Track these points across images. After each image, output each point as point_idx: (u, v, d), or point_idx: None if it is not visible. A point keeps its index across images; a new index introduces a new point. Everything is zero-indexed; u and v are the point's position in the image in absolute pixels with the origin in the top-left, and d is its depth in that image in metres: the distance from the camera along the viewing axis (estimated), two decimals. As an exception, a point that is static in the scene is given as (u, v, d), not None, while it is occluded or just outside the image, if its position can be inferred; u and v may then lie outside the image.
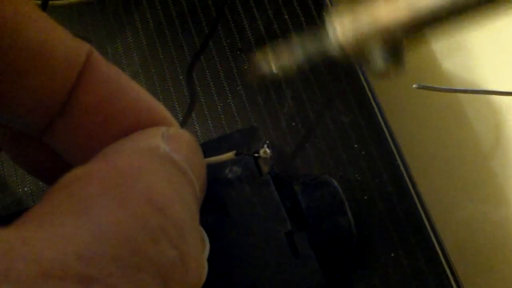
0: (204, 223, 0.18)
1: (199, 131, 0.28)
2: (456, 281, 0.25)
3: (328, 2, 0.30)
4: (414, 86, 0.24)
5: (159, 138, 0.14)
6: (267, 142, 0.21)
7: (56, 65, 0.13)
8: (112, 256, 0.10)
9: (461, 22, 0.15)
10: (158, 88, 0.29)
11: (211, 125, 0.28)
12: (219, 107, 0.28)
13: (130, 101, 0.15)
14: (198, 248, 0.13)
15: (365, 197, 0.26)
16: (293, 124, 0.28)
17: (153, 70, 0.30)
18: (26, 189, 0.28)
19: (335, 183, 0.23)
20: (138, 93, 0.15)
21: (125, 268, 0.10)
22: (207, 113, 0.29)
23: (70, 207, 0.11)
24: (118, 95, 0.15)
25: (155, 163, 0.13)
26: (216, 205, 0.20)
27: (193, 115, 0.29)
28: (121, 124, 0.15)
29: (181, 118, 0.29)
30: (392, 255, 0.25)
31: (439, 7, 0.14)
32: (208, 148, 0.21)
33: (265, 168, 0.21)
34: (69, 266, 0.09)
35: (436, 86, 0.26)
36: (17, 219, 0.11)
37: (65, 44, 0.14)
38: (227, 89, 0.29)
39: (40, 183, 0.28)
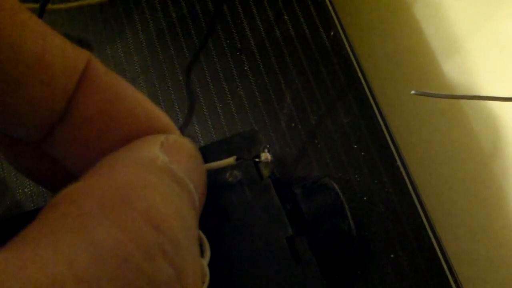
0: (204, 227, 0.18)
1: (199, 132, 0.28)
2: (456, 281, 0.25)
3: (328, 2, 0.30)
4: (412, 92, 0.25)
5: (158, 148, 0.14)
6: (268, 146, 0.21)
7: (55, 74, 0.13)
8: (110, 276, 0.10)
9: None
10: (158, 90, 0.29)
11: (210, 126, 0.28)
12: (219, 107, 0.29)
13: (129, 109, 0.15)
14: (196, 263, 0.13)
15: (365, 198, 0.26)
16: (293, 125, 0.28)
17: (153, 72, 0.30)
18: (25, 190, 0.28)
19: (336, 186, 0.23)
20: (138, 100, 0.15)
21: None
22: (206, 113, 0.29)
23: (66, 227, 0.11)
24: (117, 103, 0.15)
25: (152, 176, 0.13)
26: (217, 209, 0.20)
27: (192, 115, 0.29)
28: (121, 132, 0.15)
29: (181, 120, 0.29)
30: (392, 256, 0.25)
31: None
32: (208, 152, 0.21)
33: (265, 172, 0.21)
34: None
35: (433, 92, 0.26)
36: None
37: (63, 53, 0.14)
38: (227, 89, 0.29)
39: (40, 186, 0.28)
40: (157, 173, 0.13)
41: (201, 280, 0.13)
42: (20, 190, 0.28)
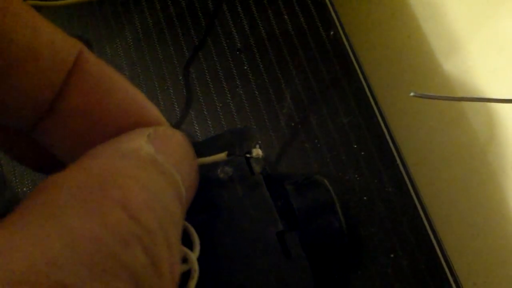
0: (195, 222, 0.18)
1: (198, 132, 0.28)
2: (456, 281, 0.25)
3: (328, 2, 0.30)
4: (411, 94, 0.25)
5: (144, 139, 0.14)
6: (259, 142, 0.21)
7: (43, 66, 0.13)
8: (85, 262, 0.10)
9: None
10: (158, 89, 0.29)
11: (210, 125, 0.28)
12: (219, 107, 0.28)
13: (120, 101, 0.15)
14: (175, 254, 0.13)
15: (365, 198, 0.26)
16: (293, 124, 0.28)
17: (152, 71, 0.30)
18: (25, 189, 0.28)
19: (327, 182, 0.23)
20: (128, 93, 0.15)
21: (98, 274, 0.10)
22: (206, 113, 0.28)
23: (43, 215, 0.11)
24: (107, 96, 0.15)
25: (133, 167, 0.13)
26: (207, 205, 0.20)
27: (192, 115, 0.29)
28: (110, 124, 0.15)
29: (181, 119, 0.29)
30: (392, 255, 0.25)
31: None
32: (200, 148, 0.21)
33: (257, 168, 0.21)
34: (41, 273, 0.10)
35: (433, 94, 0.26)
36: None
37: (53, 44, 0.13)
38: (227, 89, 0.29)
39: (38, 183, 0.28)
40: (139, 163, 0.13)
41: (179, 269, 0.13)
42: (19, 190, 0.28)
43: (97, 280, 0.10)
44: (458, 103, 0.33)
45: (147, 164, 0.13)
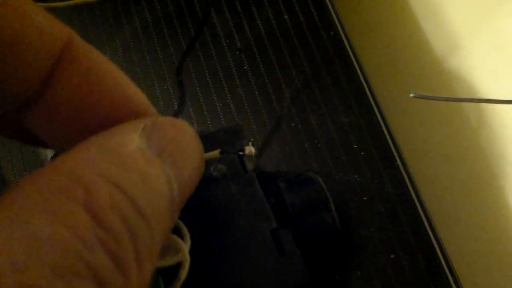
0: (188, 220, 0.18)
1: (198, 132, 0.28)
2: (456, 281, 0.25)
3: (328, 2, 0.30)
4: (411, 95, 0.25)
5: (138, 132, 0.13)
6: (252, 140, 0.21)
7: (30, 54, 0.13)
8: (50, 265, 0.10)
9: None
10: (158, 89, 0.29)
11: (210, 125, 0.28)
12: (219, 107, 0.28)
13: (110, 91, 0.14)
14: (147, 254, 0.12)
15: (365, 198, 0.26)
16: (293, 124, 0.28)
17: (152, 71, 0.30)
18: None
19: (320, 179, 0.23)
20: (120, 83, 0.15)
21: (62, 275, 0.10)
22: (206, 113, 0.28)
23: (9, 215, 0.11)
24: (97, 84, 0.14)
25: (110, 163, 0.12)
26: (201, 202, 0.20)
27: (192, 115, 0.29)
28: (99, 115, 0.14)
29: (180, 118, 0.29)
30: (392, 256, 0.25)
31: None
32: None
33: (249, 166, 0.21)
34: (5, 276, 0.09)
35: (432, 95, 0.26)
36: None
37: (41, 32, 0.13)
38: (227, 89, 0.29)
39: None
40: (119, 160, 0.13)
41: (151, 271, 0.13)
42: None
43: (61, 282, 0.10)
44: (458, 104, 0.33)
45: (130, 160, 0.13)
